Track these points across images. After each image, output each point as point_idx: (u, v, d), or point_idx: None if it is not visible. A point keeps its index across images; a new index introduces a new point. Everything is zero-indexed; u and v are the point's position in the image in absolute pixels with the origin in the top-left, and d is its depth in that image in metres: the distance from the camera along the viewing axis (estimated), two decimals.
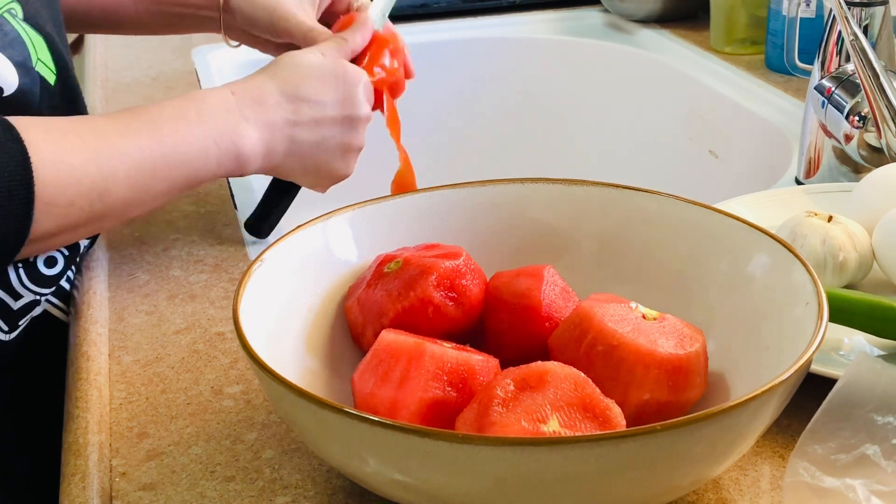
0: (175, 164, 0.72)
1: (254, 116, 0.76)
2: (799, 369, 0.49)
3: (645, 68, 1.38)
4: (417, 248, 0.64)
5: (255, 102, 0.76)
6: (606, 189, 0.67)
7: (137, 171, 0.70)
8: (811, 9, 1.15)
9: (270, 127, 0.77)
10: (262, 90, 0.77)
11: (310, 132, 0.79)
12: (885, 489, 0.51)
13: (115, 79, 1.30)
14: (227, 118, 0.75)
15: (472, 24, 1.50)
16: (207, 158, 0.74)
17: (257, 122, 0.76)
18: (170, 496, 0.57)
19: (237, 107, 0.76)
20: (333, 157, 0.81)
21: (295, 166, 0.80)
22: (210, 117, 0.74)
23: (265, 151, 0.77)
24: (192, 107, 0.74)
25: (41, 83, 0.74)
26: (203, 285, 0.80)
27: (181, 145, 0.72)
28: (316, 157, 0.80)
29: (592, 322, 0.56)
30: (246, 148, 0.76)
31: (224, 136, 0.74)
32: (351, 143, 0.82)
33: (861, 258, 0.71)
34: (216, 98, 0.76)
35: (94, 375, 0.68)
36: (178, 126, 0.73)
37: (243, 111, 0.76)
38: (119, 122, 0.72)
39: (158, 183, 0.72)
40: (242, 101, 0.76)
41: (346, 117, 0.80)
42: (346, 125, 0.81)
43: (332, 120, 0.80)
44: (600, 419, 0.50)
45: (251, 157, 0.76)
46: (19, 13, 0.73)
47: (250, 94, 0.77)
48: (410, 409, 0.52)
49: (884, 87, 0.81)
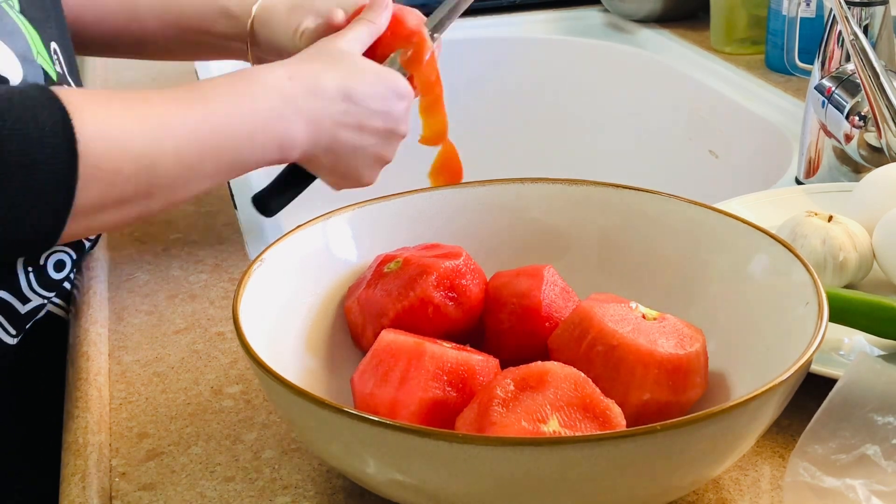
0: (223, 145, 0.71)
1: (306, 107, 0.75)
2: (799, 369, 0.49)
3: (645, 68, 1.38)
4: (417, 248, 0.64)
5: (310, 94, 0.75)
6: (606, 189, 0.67)
7: (185, 146, 0.69)
8: (811, 9, 1.15)
9: (318, 122, 0.76)
10: (318, 81, 0.76)
11: (352, 135, 0.78)
12: (886, 489, 0.51)
13: (116, 78, 1.30)
14: (280, 106, 0.74)
15: (472, 24, 1.50)
16: (254, 143, 0.73)
17: (308, 114, 0.75)
18: (170, 496, 0.57)
19: (293, 94, 0.74)
20: (364, 165, 0.81)
21: (327, 163, 0.80)
22: (264, 101, 0.73)
23: (308, 145, 0.76)
24: (246, 89, 0.73)
25: (45, 76, 0.74)
26: (203, 285, 0.80)
27: (230, 126, 0.71)
28: (349, 161, 0.80)
29: (592, 322, 0.56)
30: (291, 139, 0.75)
31: (273, 123, 0.73)
32: (384, 155, 0.82)
33: (861, 258, 0.71)
34: (273, 81, 0.74)
35: (94, 375, 0.68)
36: (229, 106, 0.72)
37: (297, 101, 0.74)
38: (168, 94, 0.70)
39: (206, 162, 0.71)
40: (298, 89, 0.75)
41: (388, 130, 0.81)
42: (386, 137, 0.81)
43: (375, 130, 0.80)
44: (600, 419, 0.50)
45: (294, 148, 0.76)
46: (16, 5, 0.73)
47: (307, 84, 0.75)
48: (410, 409, 0.52)
49: (884, 87, 0.81)
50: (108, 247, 0.86)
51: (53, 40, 0.78)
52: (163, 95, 0.70)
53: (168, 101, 0.69)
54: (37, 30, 0.75)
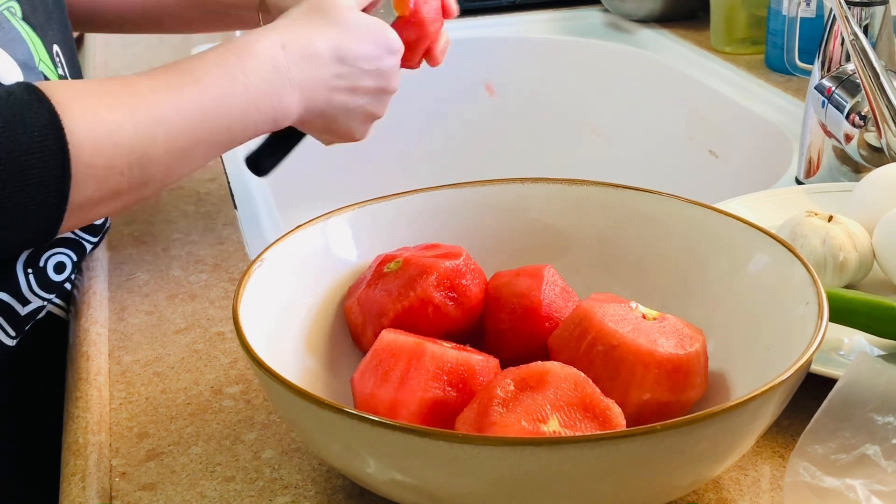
0: (216, 129, 0.70)
1: (300, 77, 0.74)
2: (799, 369, 0.49)
3: (645, 68, 1.38)
4: (417, 247, 0.64)
5: (303, 60, 0.74)
6: (606, 189, 0.67)
7: (177, 135, 0.68)
8: (811, 9, 1.15)
9: (312, 90, 0.75)
10: (311, 46, 0.75)
11: (345, 96, 0.78)
12: (886, 489, 0.51)
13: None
14: (272, 79, 0.73)
15: (472, 24, 1.50)
16: (246, 122, 0.72)
17: (302, 85, 0.75)
18: (170, 496, 0.57)
19: (286, 65, 0.74)
20: (356, 124, 0.81)
21: (319, 124, 0.80)
22: (256, 76, 0.72)
23: (301, 111, 0.76)
24: (238, 63, 0.72)
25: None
26: (203, 285, 0.80)
27: (223, 109, 0.71)
28: (340, 121, 0.80)
29: (592, 322, 0.56)
30: (285, 112, 0.74)
31: (266, 99, 0.73)
32: (375, 112, 0.82)
33: (861, 258, 0.71)
34: (265, 50, 0.73)
35: (94, 375, 0.68)
36: (220, 88, 0.71)
37: (291, 70, 0.74)
38: (158, 80, 0.69)
39: (199, 146, 0.70)
40: (291, 58, 0.74)
41: (379, 88, 0.80)
42: (377, 95, 0.80)
43: (366, 89, 0.79)
44: (600, 419, 0.50)
45: (287, 119, 0.75)
46: (18, 12, 0.73)
47: (300, 51, 0.74)
48: (410, 409, 0.52)
49: (884, 86, 0.81)
50: (108, 247, 0.86)
51: (56, 43, 0.78)
52: (152, 82, 0.69)
53: (158, 89, 0.68)
54: (40, 36, 0.75)
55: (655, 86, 1.36)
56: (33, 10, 0.75)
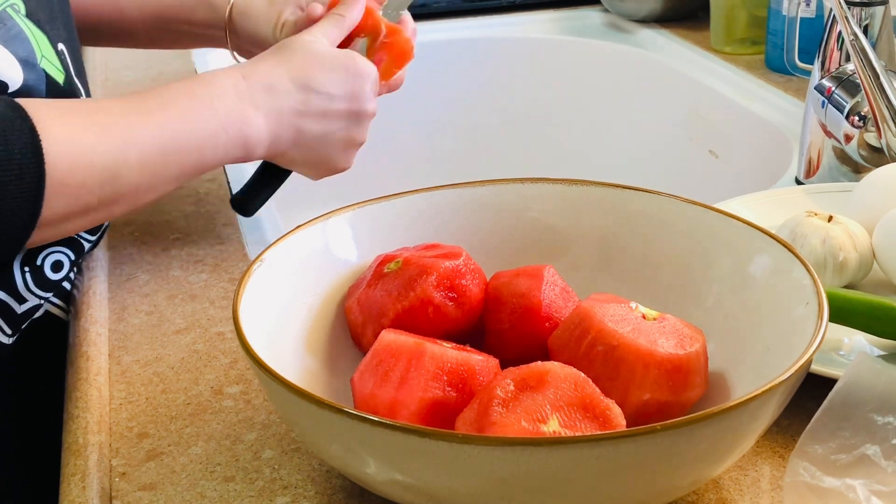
0: (185, 150, 0.72)
1: (263, 104, 0.75)
2: (799, 369, 0.49)
3: (645, 68, 1.38)
4: (417, 248, 0.64)
5: (265, 90, 0.76)
6: (606, 189, 0.67)
7: (149, 154, 0.70)
8: (811, 9, 1.15)
9: (279, 116, 0.76)
10: (273, 77, 0.76)
11: (316, 124, 0.78)
12: (885, 489, 0.51)
13: (115, 78, 1.30)
14: (237, 105, 0.74)
15: (472, 24, 1.50)
16: (216, 145, 0.73)
17: (266, 111, 0.75)
18: (170, 496, 0.57)
19: (248, 93, 0.75)
20: (336, 151, 0.81)
21: (297, 156, 0.80)
22: (221, 103, 0.73)
23: (271, 140, 0.77)
24: (203, 91, 0.73)
25: (48, 81, 0.74)
26: (203, 285, 0.80)
27: (192, 130, 0.72)
28: (319, 150, 0.80)
29: (592, 322, 0.56)
30: (253, 136, 0.75)
31: (233, 123, 0.74)
32: (354, 137, 0.82)
33: (861, 258, 0.71)
34: (227, 82, 0.75)
35: (94, 375, 0.68)
36: (188, 110, 0.72)
37: (254, 97, 0.75)
38: (129, 103, 0.71)
39: (169, 167, 0.71)
40: (253, 87, 0.75)
41: (353, 112, 0.80)
42: (353, 119, 0.80)
43: (339, 113, 0.79)
44: (600, 419, 0.50)
45: (257, 145, 0.76)
46: (21, 9, 0.73)
47: (261, 81, 0.76)
48: (410, 409, 0.52)
49: (884, 87, 0.81)
50: (108, 247, 0.86)
51: (61, 41, 0.78)
52: (124, 105, 0.71)
53: (130, 112, 0.70)
54: (44, 33, 0.75)
55: (655, 86, 1.36)
56: (38, 8, 0.75)
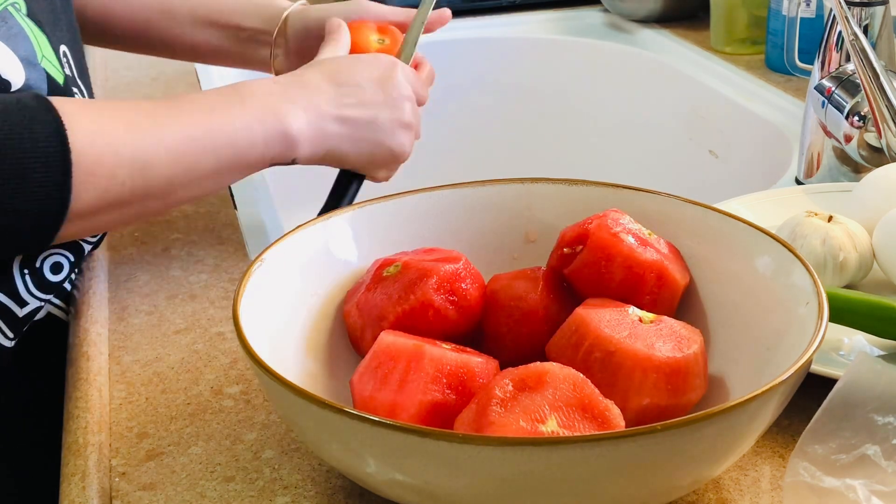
0: (218, 142, 0.71)
1: (300, 98, 0.75)
2: (799, 369, 0.49)
3: (645, 68, 1.38)
4: (416, 251, 0.64)
5: (299, 86, 0.76)
6: (606, 189, 0.67)
7: (179, 147, 0.69)
8: (811, 9, 1.15)
9: (317, 109, 0.76)
10: (304, 77, 0.77)
11: (358, 111, 0.78)
12: (886, 489, 0.51)
13: (116, 78, 1.30)
14: (270, 100, 0.74)
15: (472, 24, 1.50)
16: (252, 137, 0.72)
17: (304, 105, 0.75)
18: (170, 496, 0.57)
19: (281, 91, 0.75)
20: (386, 135, 0.80)
21: (348, 149, 0.79)
22: (253, 99, 0.73)
23: (314, 133, 0.76)
24: (232, 91, 0.74)
25: (49, 80, 0.74)
26: (203, 285, 0.80)
27: (223, 123, 0.72)
28: (368, 137, 0.79)
29: (589, 328, 0.55)
30: (293, 128, 0.74)
31: (268, 115, 0.73)
32: (401, 118, 0.80)
33: (861, 258, 0.71)
34: (258, 86, 0.75)
35: (94, 375, 0.68)
36: (219, 106, 0.72)
37: (288, 94, 0.75)
38: (158, 103, 0.72)
39: (203, 160, 0.71)
40: (286, 86, 0.75)
41: (388, 96, 0.80)
42: (391, 104, 0.80)
43: (375, 100, 0.79)
44: (599, 420, 0.49)
45: (299, 139, 0.75)
46: (23, 8, 0.73)
47: (293, 80, 0.76)
48: (410, 411, 0.52)
49: (884, 87, 0.81)
50: (108, 247, 0.86)
51: (63, 43, 0.78)
52: (153, 103, 0.71)
53: (158, 109, 0.71)
54: (45, 33, 0.75)
55: (655, 86, 1.36)
56: (39, 8, 0.76)
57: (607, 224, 0.61)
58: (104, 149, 0.66)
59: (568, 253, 0.62)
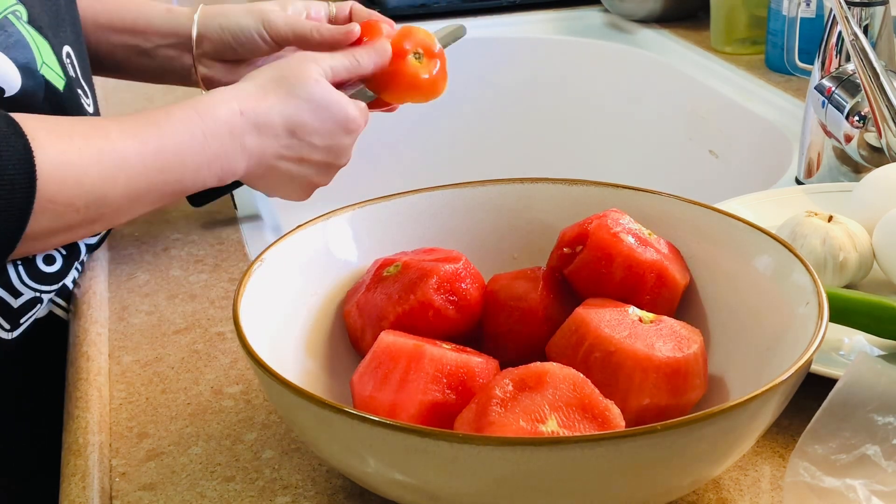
0: (168, 180, 0.73)
1: (251, 144, 0.76)
2: (799, 369, 0.49)
3: (645, 68, 1.38)
4: (416, 251, 0.64)
5: (256, 129, 0.76)
6: (606, 189, 0.67)
7: (135, 181, 0.71)
8: (811, 9, 1.15)
9: (260, 157, 0.78)
10: (267, 117, 0.77)
11: (290, 166, 0.80)
12: (886, 489, 0.51)
13: (114, 91, 1.30)
14: (227, 143, 0.75)
15: (473, 24, 1.49)
16: (196, 177, 0.75)
17: (252, 152, 0.77)
18: (170, 496, 0.57)
19: (240, 131, 0.76)
20: (296, 190, 0.83)
21: (260, 184, 0.81)
22: (214, 140, 0.74)
23: (244, 174, 0.78)
24: (199, 123, 0.74)
25: (47, 87, 0.74)
26: (203, 285, 0.80)
27: (179, 164, 0.73)
28: (281, 186, 0.82)
29: (589, 328, 0.55)
30: (230, 173, 0.77)
31: (218, 160, 0.75)
32: (318, 182, 0.83)
33: (861, 258, 0.71)
34: (224, 114, 0.75)
35: (94, 375, 0.68)
36: (182, 143, 0.73)
37: (244, 137, 0.76)
38: (128, 128, 0.72)
39: (151, 194, 0.73)
40: (247, 125, 0.76)
41: (326, 163, 0.82)
42: (323, 169, 0.82)
43: (314, 163, 0.81)
44: (599, 420, 0.49)
45: (231, 178, 0.78)
46: (24, 16, 0.73)
47: (256, 120, 0.76)
48: (410, 411, 0.52)
49: (884, 87, 0.81)
50: (108, 247, 0.86)
51: (67, 44, 0.78)
52: (121, 127, 0.72)
53: (126, 137, 0.71)
54: (47, 38, 0.75)
55: (655, 86, 1.36)
56: (41, 13, 0.75)
57: (607, 224, 0.61)
58: (68, 179, 0.67)
59: (568, 253, 0.62)
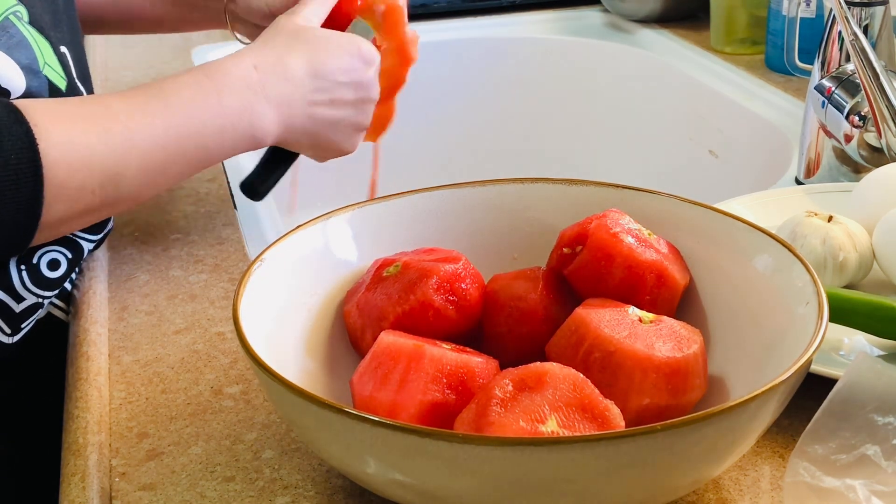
0: (190, 147, 0.71)
1: (275, 94, 0.75)
2: (799, 369, 0.49)
3: (645, 68, 1.38)
4: (416, 252, 0.64)
5: (277, 78, 0.75)
6: (606, 189, 0.67)
7: (151, 155, 0.69)
8: (811, 9, 1.15)
9: (290, 105, 0.76)
10: (284, 64, 0.76)
11: (326, 111, 0.78)
12: (886, 489, 0.51)
13: (115, 78, 1.30)
14: (246, 97, 0.73)
15: (472, 24, 1.50)
16: (223, 140, 0.73)
17: (278, 101, 0.75)
18: (170, 496, 0.57)
19: (260, 84, 0.74)
20: (343, 137, 0.81)
21: (306, 142, 0.80)
22: (230, 97, 0.73)
23: (281, 129, 0.76)
24: (210, 84, 0.72)
25: (50, 87, 0.74)
26: (203, 285, 0.80)
27: (197, 128, 0.71)
28: (329, 136, 0.80)
29: (588, 328, 0.55)
30: (263, 129, 0.75)
31: (242, 117, 0.73)
32: (361, 123, 0.82)
33: (861, 258, 0.71)
34: (237, 72, 0.74)
35: (94, 375, 0.68)
36: (194, 107, 0.71)
37: (265, 88, 0.74)
38: (132, 102, 0.70)
39: (172, 166, 0.71)
40: (265, 76, 0.74)
41: (360, 99, 0.81)
42: (359, 106, 0.81)
43: (347, 102, 0.80)
44: (599, 420, 0.49)
45: (267, 137, 0.76)
46: (25, 16, 0.73)
47: (273, 69, 0.75)
48: (409, 411, 0.52)
49: (884, 87, 0.81)
50: (108, 247, 0.86)
51: (63, 44, 0.78)
52: (127, 103, 0.70)
53: (132, 112, 0.69)
54: (47, 38, 0.75)
55: (655, 86, 1.36)
56: (42, 12, 0.75)
57: (607, 224, 0.61)
58: (75, 161, 0.66)
59: (568, 253, 0.62)
